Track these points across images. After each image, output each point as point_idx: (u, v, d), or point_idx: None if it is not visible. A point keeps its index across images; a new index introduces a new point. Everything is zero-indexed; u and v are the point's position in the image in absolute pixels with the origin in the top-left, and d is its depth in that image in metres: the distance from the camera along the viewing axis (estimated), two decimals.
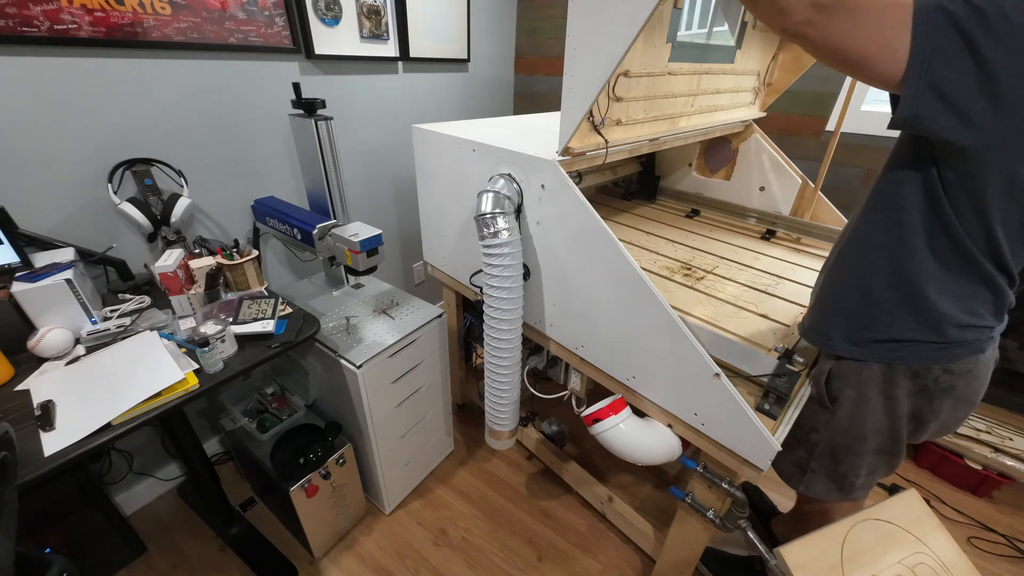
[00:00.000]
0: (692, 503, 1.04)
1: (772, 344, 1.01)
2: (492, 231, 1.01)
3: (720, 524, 1.00)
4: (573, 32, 0.83)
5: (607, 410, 1.06)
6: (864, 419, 0.85)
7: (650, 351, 0.95)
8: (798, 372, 0.86)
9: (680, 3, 1.02)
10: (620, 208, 1.86)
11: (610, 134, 1.02)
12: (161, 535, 1.40)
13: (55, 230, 1.10)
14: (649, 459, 1.05)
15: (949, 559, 0.69)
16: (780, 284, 1.28)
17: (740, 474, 0.89)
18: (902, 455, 0.90)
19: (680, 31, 1.08)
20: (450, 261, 1.48)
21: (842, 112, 1.45)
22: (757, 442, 0.82)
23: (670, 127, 1.23)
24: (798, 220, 1.58)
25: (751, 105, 1.61)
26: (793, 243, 1.57)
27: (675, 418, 0.98)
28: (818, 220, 1.56)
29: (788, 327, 1.08)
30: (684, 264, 1.38)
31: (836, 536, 0.69)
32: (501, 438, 1.32)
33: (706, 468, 0.98)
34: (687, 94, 1.24)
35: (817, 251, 1.50)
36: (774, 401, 0.87)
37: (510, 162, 1.07)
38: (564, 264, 1.06)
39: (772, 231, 1.62)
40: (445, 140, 1.27)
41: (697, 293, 1.22)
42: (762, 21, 0.68)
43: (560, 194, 0.98)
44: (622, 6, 0.74)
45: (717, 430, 0.89)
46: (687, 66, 1.17)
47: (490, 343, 1.15)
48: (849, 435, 0.88)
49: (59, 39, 1.01)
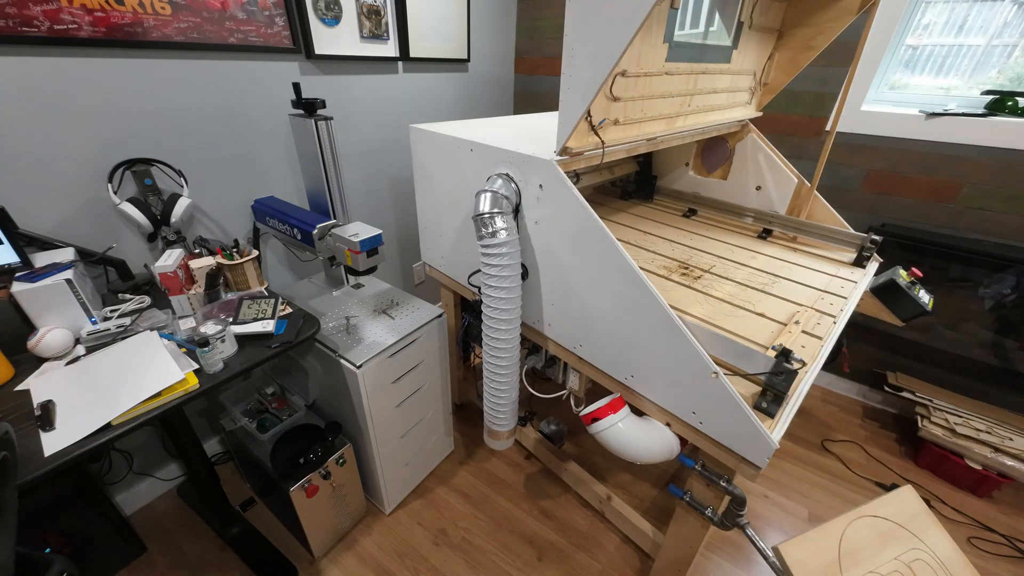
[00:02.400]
0: (690, 501, 1.04)
1: (769, 342, 1.01)
2: (490, 231, 1.01)
3: (719, 522, 1.01)
4: (571, 33, 0.83)
5: (605, 409, 1.06)
6: None
7: (648, 350, 0.95)
8: (795, 370, 0.87)
9: (677, 3, 1.03)
10: (618, 208, 1.86)
11: (607, 134, 1.03)
12: (161, 535, 1.40)
13: (55, 230, 1.11)
14: (647, 457, 1.06)
15: (945, 555, 0.69)
16: (776, 283, 1.29)
17: (738, 472, 0.89)
18: None
19: (677, 31, 1.09)
20: (448, 261, 1.48)
21: (837, 111, 1.46)
22: (755, 440, 0.82)
23: (667, 127, 1.24)
24: (794, 219, 1.59)
25: (747, 105, 1.62)
26: (789, 242, 1.58)
27: (673, 417, 0.98)
28: (814, 219, 1.57)
29: (784, 325, 1.09)
30: (681, 263, 1.39)
31: (833, 533, 0.70)
32: (500, 438, 1.32)
33: (704, 466, 0.99)
34: (684, 94, 1.24)
35: (813, 250, 1.51)
36: (771, 399, 0.88)
37: (508, 162, 1.07)
38: (562, 264, 1.06)
39: (769, 230, 1.63)
40: (442, 140, 1.27)
41: (694, 292, 1.23)
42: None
43: (558, 194, 0.98)
44: (619, 7, 0.74)
45: (715, 428, 0.90)
46: (684, 66, 1.18)
47: (488, 343, 1.15)
48: None
49: (59, 39, 1.01)
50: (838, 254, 1.48)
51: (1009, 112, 1.51)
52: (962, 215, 1.64)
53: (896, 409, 2.01)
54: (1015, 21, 1.49)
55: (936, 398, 1.75)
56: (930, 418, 1.70)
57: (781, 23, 1.47)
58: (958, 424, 1.65)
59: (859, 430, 1.92)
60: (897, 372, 1.91)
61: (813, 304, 1.19)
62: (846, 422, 1.97)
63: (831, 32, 1.38)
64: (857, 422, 1.97)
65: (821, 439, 1.86)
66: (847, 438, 1.88)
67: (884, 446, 1.85)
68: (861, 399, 2.10)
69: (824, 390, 2.15)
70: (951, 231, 1.67)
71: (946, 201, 1.65)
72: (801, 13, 1.42)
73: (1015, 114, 1.50)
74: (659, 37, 1.04)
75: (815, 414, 2.00)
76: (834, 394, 2.13)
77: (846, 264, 1.41)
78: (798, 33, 1.46)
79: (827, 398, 2.10)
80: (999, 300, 1.64)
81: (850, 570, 0.66)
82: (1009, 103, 1.51)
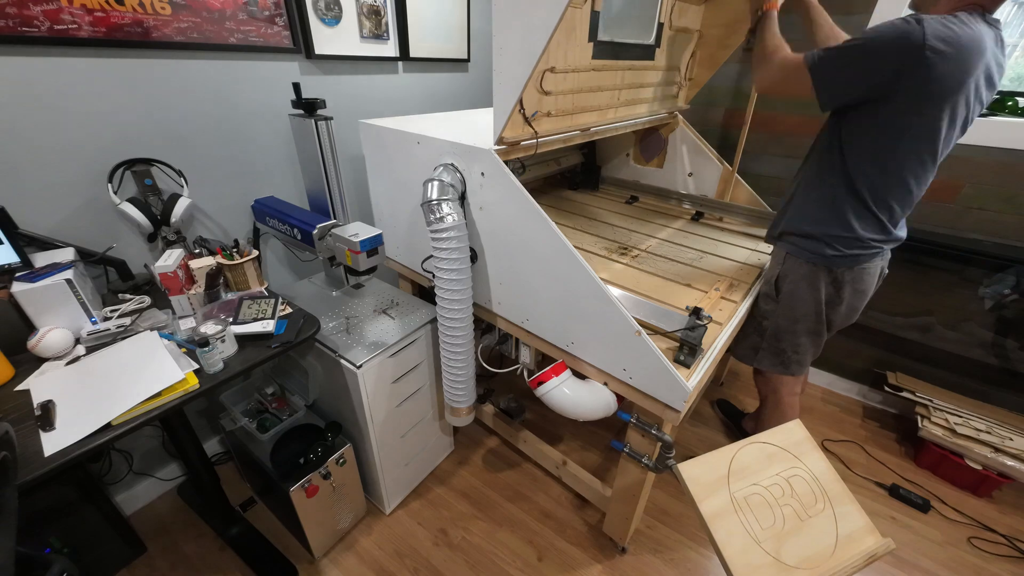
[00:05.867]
0: (630, 452, 1.16)
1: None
2: (438, 216, 1.07)
3: (653, 467, 1.12)
4: (498, 32, 0.90)
5: (549, 373, 1.18)
6: (797, 305, 1.21)
7: (584, 317, 1.07)
8: (704, 325, 1.01)
9: (598, 5, 1.12)
10: (566, 197, 2.04)
11: (541, 125, 1.12)
12: (161, 535, 1.40)
13: (55, 230, 1.10)
14: (590, 414, 1.17)
15: (820, 472, 0.80)
16: (704, 258, 1.49)
17: (664, 418, 1.01)
18: (824, 336, 1.27)
19: (601, 31, 1.18)
20: (404, 251, 1.54)
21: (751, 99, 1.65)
22: (673, 387, 0.95)
23: (599, 118, 1.35)
24: (720, 202, 1.83)
25: (674, 98, 1.77)
26: (717, 222, 1.80)
27: (608, 376, 1.10)
28: (737, 201, 1.80)
29: (706, 292, 1.28)
30: (621, 244, 1.57)
31: (726, 455, 0.81)
32: (459, 415, 1.38)
33: (638, 419, 1.11)
34: (612, 88, 1.35)
35: (736, 228, 1.74)
36: (688, 352, 1.02)
37: (452, 152, 1.14)
38: (507, 245, 1.15)
39: (701, 213, 1.85)
40: (391, 134, 1.33)
41: (631, 269, 1.40)
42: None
43: (498, 181, 1.06)
44: (537, 9, 0.82)
45: (642, 381, 1.02)
46: (610, 63, 1.28)
47: (443, 323, 1.21)
48: (788, 319, 1.24)
49: (59, 39, 1.01)
50: (758, 231, 1.69)
51: (1009, 112, 1.51)
52: (962, 215, 1.64)
53: (896, 409, 2.01)
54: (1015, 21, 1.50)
55: (936, 398, 1.75)
56: (930, 418, 1.70)
57: (700, 24, 1.62)
58: (958, 424, 1.65)
59: (859, 430, 1.93)
60: (897, 372, 1.91)
61: (733, 275, 1.39)
62: (846, 422, 1.97)
63: (742, 32, 1.52)
64: (857, 422, 1.97)
65: (821, 439, 1.86)
66: (847, 438, 1.88)
67: (884, 446, 1.85)
68: (861, 399, 2.10)
69: (824, 390, 2.15)
70: (951, 231, 1.67)
71: (946, 201, 1.65)
72: (715, 15, 1.60)
73: (1015, 114, 1.50)
74: (584, 36, 1.14)
75: (815, 414, 2.00)
76: (834, 394, 2.13)
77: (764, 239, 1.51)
78: (715, 33, 1.63)
79: (827, 398, 2.10)
80: (999, 300, 1.64)
81: (736, 483, 0.78)
82: (1009, 103, 1.51)
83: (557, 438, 1.81)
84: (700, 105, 1.97)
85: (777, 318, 1.26)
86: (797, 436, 0.86)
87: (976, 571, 1.41)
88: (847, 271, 1.14)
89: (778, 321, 1.26)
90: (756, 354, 1.34)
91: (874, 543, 0.72)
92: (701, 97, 1.88)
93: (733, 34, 1.57)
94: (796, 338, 1.26)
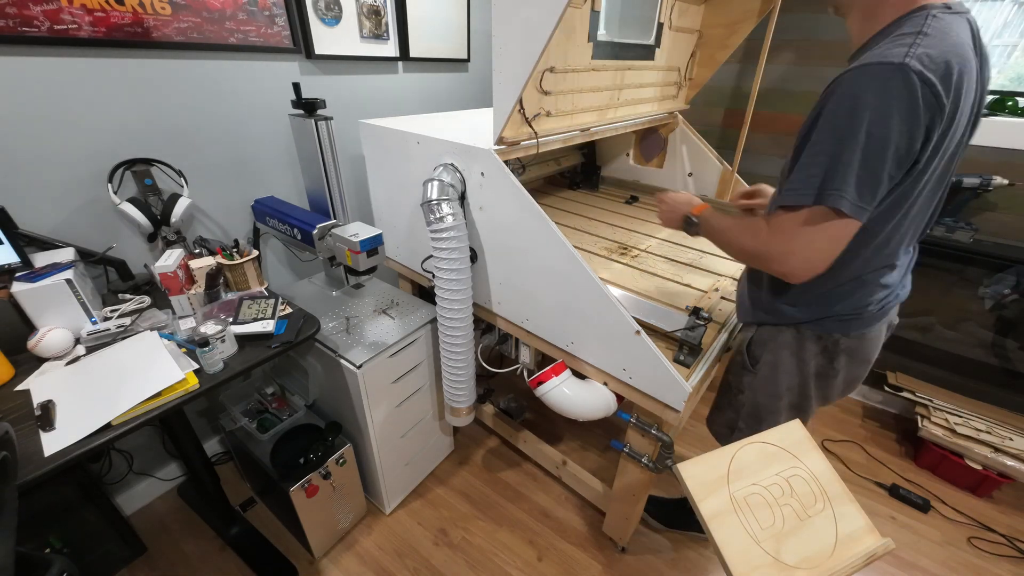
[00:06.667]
0: (630, 452, 1.16)
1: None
2: (438, 216, 1.07)
3: (652, 467, 1.12)
4: (497, 32, 0.90)
5: (549, 372, 1.18)
6: (779, 378, 0.97)
7: (584, 317, 1.06)
8: (704, 325, 1.01)
9: (598, 5, 1.11)
10: (566, 197, 2.03)
11: (541, 125, 1.12)
12: (161, 535, 1.40)
13: (55, 230, 1.10)
14: (590, 414, 1.17)
15: (819, 471, 0.80)
16: (703, 258, 1.49)
17: (664, 418, 1.01)
18: (813, 410, 1.04)
19: (600, 31, 1.17)
20: (403, 251, 1.54)
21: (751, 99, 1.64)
22: (672, 386, 0.94)
23: (599, 118, 1.35)
24: (720, 202, 1.79)
25: (675, 98, 1.76)
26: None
27: (608, 375, 1.10)
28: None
29: (705, 292, 1.26)
30: (621, 245, 1.56)
31: (726, 454, 0.81)
32: (459, 415, 1.38)
33: (638, 419, 1.10)
34: (612, 88, 1.35)
35: None
36: (688, 352, 1.02)
37: (451, 152, 1.14)
38: (506, 245, 1.15)
39: None
40: (391, 134, 1.32)
41: (631, 269, 1.39)
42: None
43: (498, 181, 1.05)
44: (537, 9, 0.82)
45: (642, 381, 1.02)
46: (609, 63, 1.28)
47: (443, 323, 1.21)
48: (768, 394, 1.00)
49: (59, 39, 1.01)
50: None
51: (1009, 112, 1.51)
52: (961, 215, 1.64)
53: (896, 409, 2.01)
54: (1015, 21, 1.50)
55: (936, 398, 1.75)
56: (930, 418, 1.70)
57: (700, 24, 1.62)
58: (958, 424, 1.65)
59: (859, 430, 1.93)
60: (897, 372, 1.91)
61: (733, 275, 1.37)
62: (846, 422, 1.97)
63: (742, 32, 1.55)
64: (857, 422, 1.97)
65: (821, 439, 1.86)
66: (847, 438, 1.88)
67: (884, 446, 1.85)
68: (861, 399, 2.10)
69: None
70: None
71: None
72: (715, 15, 1.60)
73: (1015, 114, 1.50)
74: (583, 36, 1.13)
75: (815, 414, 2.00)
76: None
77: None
78: (715, 33, 1.63)
79: None
80: (999, 300, 1.64)
81: (735, 482, 0.78)
82: (1009, 103, 1.51)
83: (557, 438, 1.81)
84: (700, 105, 1.97)
85: (755, 393, 1.01)
86: (797, 436, 0.86)
87: (976, 571, 1.41)
88: (843, 338, 0.88)
89: (756, 397, 1.02)
90: (732, 434, 1.11)
91: (874, 543, 0.72)
92: (701, 97, 1.88)
93: (733, 34, 1.57)
94: (778, 416, 1.01)
